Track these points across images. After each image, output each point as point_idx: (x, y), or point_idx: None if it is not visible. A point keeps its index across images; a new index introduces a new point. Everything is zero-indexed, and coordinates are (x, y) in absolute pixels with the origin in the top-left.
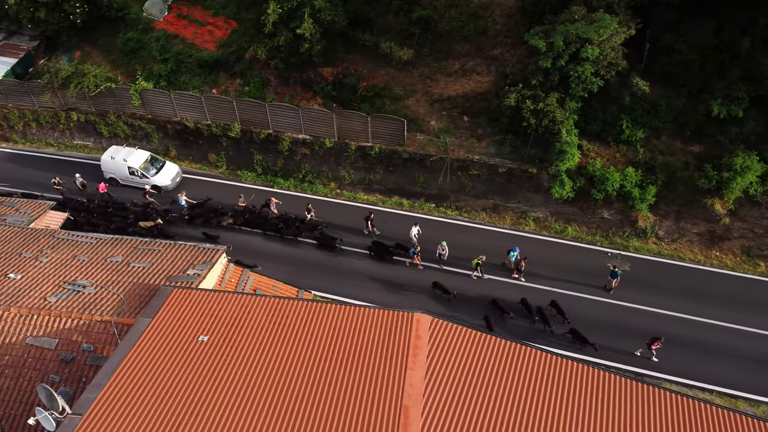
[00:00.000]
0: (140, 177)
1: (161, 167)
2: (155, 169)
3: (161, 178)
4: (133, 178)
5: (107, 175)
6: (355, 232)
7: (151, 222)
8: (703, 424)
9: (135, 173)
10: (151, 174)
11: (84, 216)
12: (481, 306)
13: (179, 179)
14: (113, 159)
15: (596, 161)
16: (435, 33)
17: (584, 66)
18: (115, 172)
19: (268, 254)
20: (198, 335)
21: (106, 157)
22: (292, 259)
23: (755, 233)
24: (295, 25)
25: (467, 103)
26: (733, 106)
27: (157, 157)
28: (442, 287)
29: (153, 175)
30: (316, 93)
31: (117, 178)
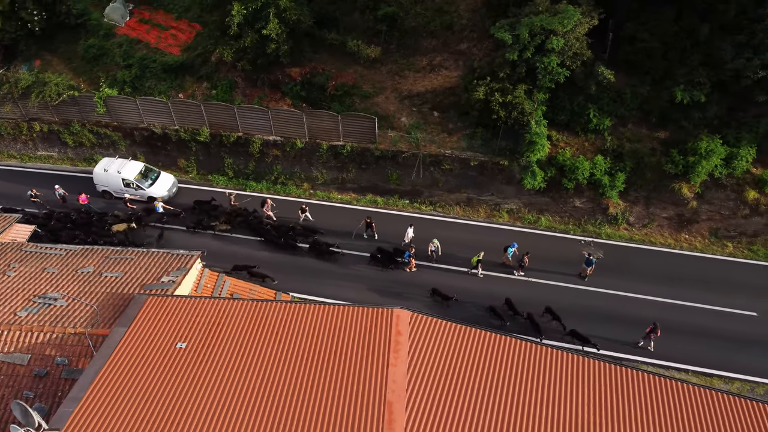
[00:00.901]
0: (135, 189)
1: (156, 178)
2: (150, 180)
3: (157, 189)
4: (128, 190)
5: (100, 189)
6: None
7: (124, 225)
8: (681, 403)
9: (130, 185)
10: (146, 185)
11: (68, 229)
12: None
13: (175, 189)
14: (106, 171)
15: (566, 151)
16: (401, 30)
17: (550, 57)
18: (109, 185)
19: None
20: (176, 342)
21: (99, 169)
22: (287, 265)
23: (722, 215)
24: (260, 25)
25: (437, 99)
26: (695, 91)
27: (152, 167)
28: (441, 294)
29: (148, 186)
30: (285, 94)
31: (111, 191)
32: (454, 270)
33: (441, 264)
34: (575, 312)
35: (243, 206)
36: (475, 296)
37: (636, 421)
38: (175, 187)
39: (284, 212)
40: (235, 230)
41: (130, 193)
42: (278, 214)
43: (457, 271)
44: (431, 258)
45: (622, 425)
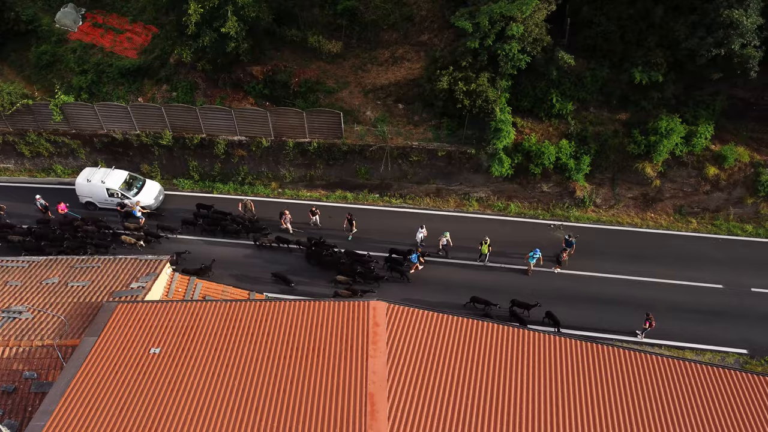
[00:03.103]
0: (121, 198)
1: (142, 186)
2: (135, 188)
3: (143, 198)
4: (113, 200)
5: (83, 200)
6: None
7: (133, 239)
8: (655, 375)
9: (115, 195)
10: (131, 194)
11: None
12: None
13: (162, 197)
14: (89, 182)
15: (531, 137)
16: (362, 23)
17: (511, 44)
18: (93, 195)
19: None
20: (149, 348)
21: (81, 180)
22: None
23: (685, 192)
24: (218, 24)
25: (401, 91)
26: (653, 72)
27: (136, 175)
28: (482, 300)
29: (134, 195)
30: (248, 93)
31: (95, 201)
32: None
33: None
34: (548, 294)
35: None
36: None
37: (618, 395)
38: (162, 195)
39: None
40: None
41: (115, 202)
42: (253, 215)
43: (467, 264)
44: (441, 252)
45: (605, 401)
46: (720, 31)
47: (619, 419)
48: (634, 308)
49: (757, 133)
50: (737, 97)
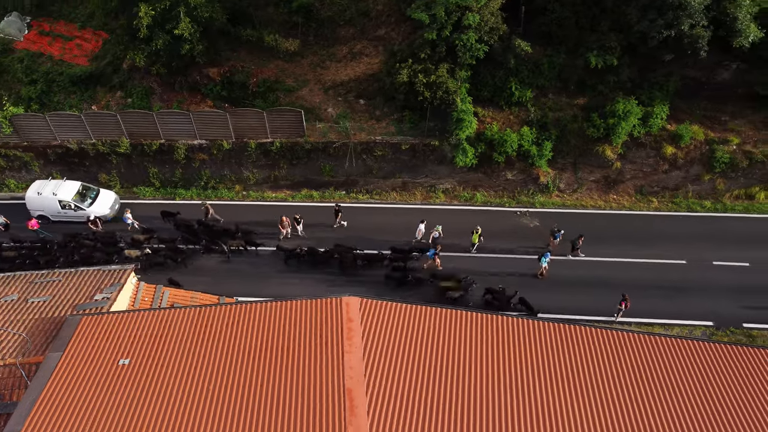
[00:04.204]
0: (74, 210)
1: (96, 196)
2: (90, 198)
3: (99, 208)
4: (67, 212)
5: (35, 213)
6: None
7: (137, 252)
8: (627, 351)
9: (68, 206)
10: (86, 205)
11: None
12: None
13: (118, 206)
14: (40, 194)
15: (493, 125)
16: (318, 20)
17: (468, 33)
18: (45, 208)
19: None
20: (117, 359)
21: (32, 193)
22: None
23: (644, 172)
24: (171, 26)
25: (361, 86)
26: (607, 56)
27: (90, 186)
28: (527, 304)
29: (89, 205)
30: (206, 95)
31: (47, 214)
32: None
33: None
34: (521, 281)
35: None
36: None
37: (592, 373)
38: (117, 204)
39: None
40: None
41: (69, 214)
42: (213, 219)
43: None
44: (434, 245)
45: (581, 380)
46: (669, 13)
47: (594, 396)
48: (603, 289)
49: (709, 111)
50: (689, 77)
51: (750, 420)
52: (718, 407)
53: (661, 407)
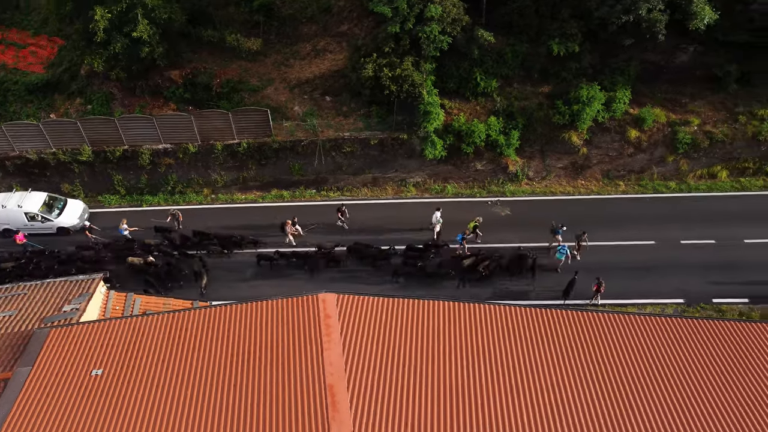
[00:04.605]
0: (42, 221)
1: (63, 206)
2: (57, 209)
3: (67, 218)
4: (34, 224)
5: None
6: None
7: (140, 259)
8: (602, 330)
9: (35, 218)
10: (54, 216)
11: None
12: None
13: (87, 216)
14: (5, 207)
15: (460, 117)
16: (279, 18)
17: (431, 25)
18: (10, 221)
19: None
20: (90, 370)
21: None
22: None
23: (610, 157)
24: (129, 28)
25: (326, 83)
26: (569, 43)
27: (56, 196)
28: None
29: (56, 216)
30: (168, 98)
31: (12, 227)
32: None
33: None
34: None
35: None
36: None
37: (573, 354)
38: (87, 213)
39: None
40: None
41: (37, 226)
42: (173, 225)
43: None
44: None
45: (562, 362)
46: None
47: (577, 379)
48: (570, 271)
49: (670, 94)
50: (649, 61)
51: (733, 393)
52: (699, 381)
53: (643, 385)
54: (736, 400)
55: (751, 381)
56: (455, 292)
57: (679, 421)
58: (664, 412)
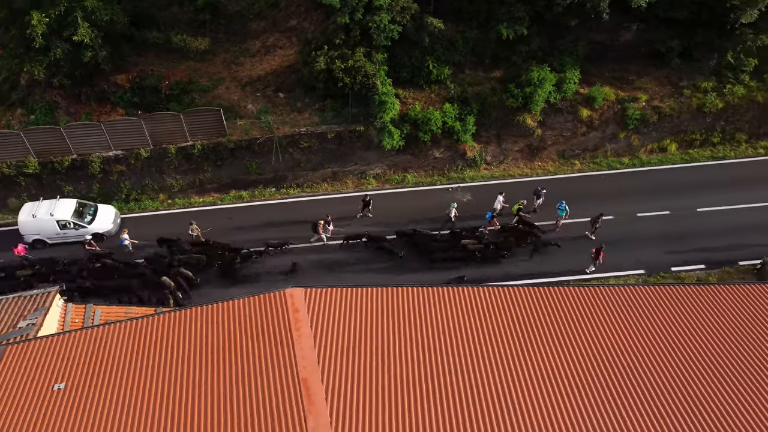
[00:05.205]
0: (76, 229)
1: (95, 212)
2: (89, 215)
3: (101, 224)
4: (67, 232)
5: (29, 239)
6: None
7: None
8: (569, 304)
9: (67, 226)
10: (86, 222)
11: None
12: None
13: (119, 220)
14: (35, 217)
15: (415, 105)
16: (226, 16)
17: (380, 15)
18: (41, 231)
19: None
20: (52, 385)
21: (25, 217)
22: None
23: (564, 137)
24: (69, 33)
25: (279, 80)
26: (517, 26)
27: (86, 202)
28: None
29: (89, 222)
30: (116, 104)
31: (44, 238)
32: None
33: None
34: None
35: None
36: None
37: (544, 329)
38: (119, 219)
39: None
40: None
41: (70, 234)
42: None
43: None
44: (450, 219)
45: (538, 342)
46: None
47: (553, 355)
48: (542, 251)
49: (617, 72)
50: (595, 41)
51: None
52: (668, 345)
53: (612, 353)
54: (721, 359)
55: (733, 341)
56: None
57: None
58: (654, 380)
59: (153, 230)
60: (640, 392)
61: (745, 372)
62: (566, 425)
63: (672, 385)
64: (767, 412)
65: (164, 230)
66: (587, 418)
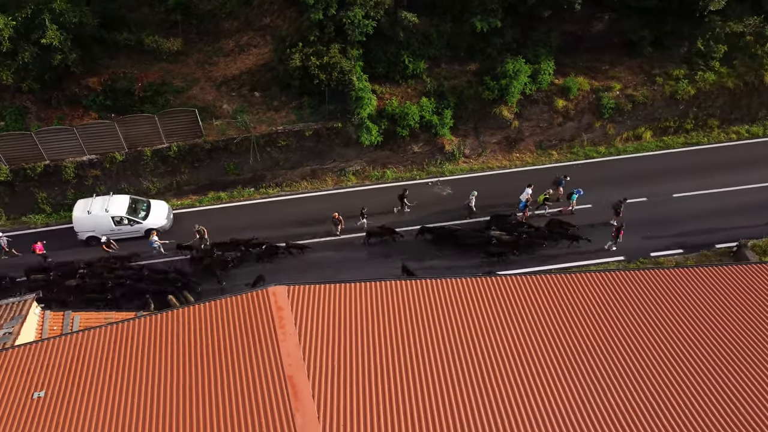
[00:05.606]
0: (131, 224)
1: (148, 208)
2: (142, 211)
3: (155, 219)
4: (122, 228)
5: (84, 235)
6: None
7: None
8: (569, 289)
9: (122, 222)
10: (141, 217)
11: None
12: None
13: (172, 216)
14: (90, 213)
15: (392, 100)
16: (198, 16)
17: (354, 10)
18: (97, 228)
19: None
20: (31, 394)
21: (80, 214)
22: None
23: (541, 128)
24: (38, 35)
25: (254, 78)
26: (491, 19)
27: (138, 197)
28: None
29: (144, 218)
30: (88, 107)
31: (98, 235)
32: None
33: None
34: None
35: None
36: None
37: (531, 320)
38: (171, 214)
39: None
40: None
41: (125, 230)
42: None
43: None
44: (471, 210)
45: (521, 330)
46: None
47: (537, 340)
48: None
49: (590, 62)
50: (568, 32)
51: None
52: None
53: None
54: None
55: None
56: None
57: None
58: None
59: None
60: (624, 374)
61: (727, 348)
62: (555, 413)
63: (655, 366)
64: (748, 387)
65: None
66: (574, 404)
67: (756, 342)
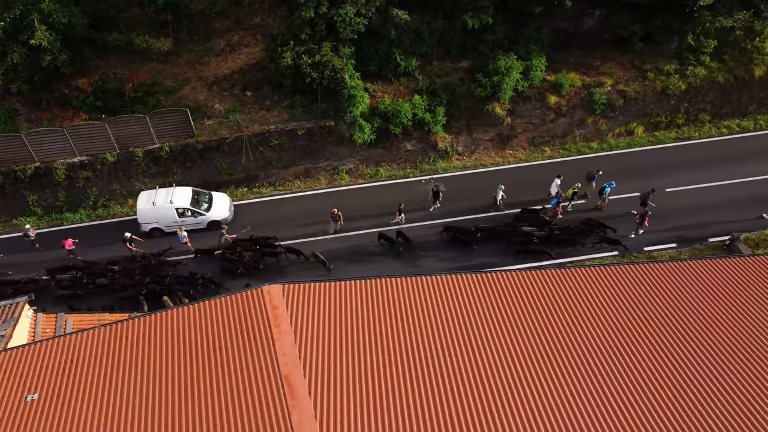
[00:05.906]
0: (194, 217)
1: (210, 200)
2: (205, 203)
3: (218, 211)
4: (185, 220)
5: (148, 227)
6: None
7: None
8: (564, 284)
9: (185, 214)
10: (204, 209)
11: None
12: None
13: (233, 207)
14: (155, 205)
15: (385, 98)
16: (188, 15)
17: (345, 8)
18: (160, 219)
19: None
20: (24, 396)
21: (144, 206)
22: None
23: (534, 124)
24: (26, 36)
25: (246, 78)
26: (482, 16)
27: (200, 190)
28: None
29: (207, 210)
30: (78, 108)
31: (161, 226)
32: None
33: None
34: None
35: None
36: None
37: (528, 316)
38: (233, 206)
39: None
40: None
41: (188, 222)
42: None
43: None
44: (499, 206)
45: (519, 326)
46: None
47: (534, 336)
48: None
49: (581, 58)
50: (559, 28)
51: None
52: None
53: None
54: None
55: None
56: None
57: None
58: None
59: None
60: (620, 367)
61: (722, 340)
62: (553, 408)
63: (651, 358)
64: (744, 378)
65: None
66: (572, 399)
67: (749, 333)
